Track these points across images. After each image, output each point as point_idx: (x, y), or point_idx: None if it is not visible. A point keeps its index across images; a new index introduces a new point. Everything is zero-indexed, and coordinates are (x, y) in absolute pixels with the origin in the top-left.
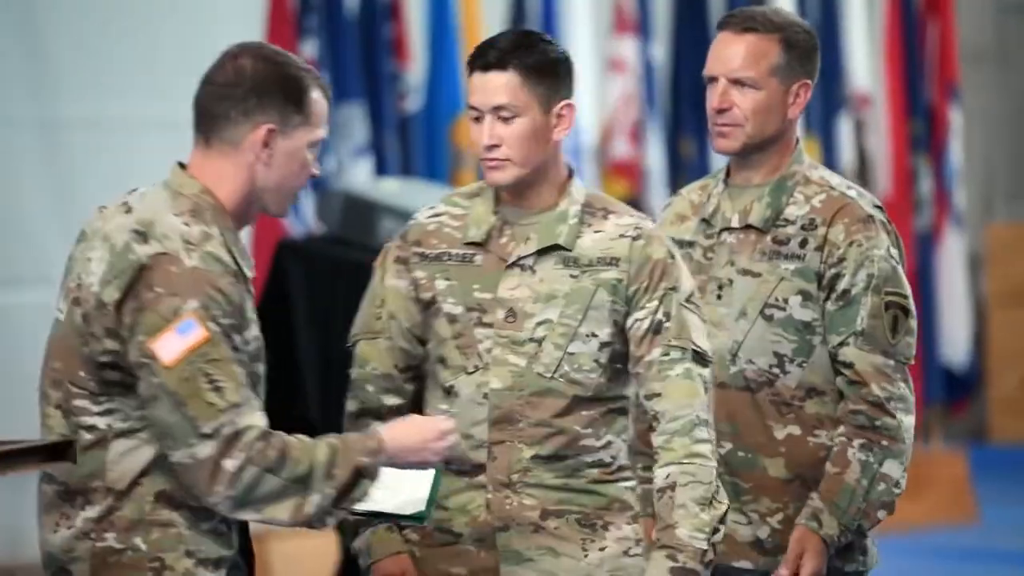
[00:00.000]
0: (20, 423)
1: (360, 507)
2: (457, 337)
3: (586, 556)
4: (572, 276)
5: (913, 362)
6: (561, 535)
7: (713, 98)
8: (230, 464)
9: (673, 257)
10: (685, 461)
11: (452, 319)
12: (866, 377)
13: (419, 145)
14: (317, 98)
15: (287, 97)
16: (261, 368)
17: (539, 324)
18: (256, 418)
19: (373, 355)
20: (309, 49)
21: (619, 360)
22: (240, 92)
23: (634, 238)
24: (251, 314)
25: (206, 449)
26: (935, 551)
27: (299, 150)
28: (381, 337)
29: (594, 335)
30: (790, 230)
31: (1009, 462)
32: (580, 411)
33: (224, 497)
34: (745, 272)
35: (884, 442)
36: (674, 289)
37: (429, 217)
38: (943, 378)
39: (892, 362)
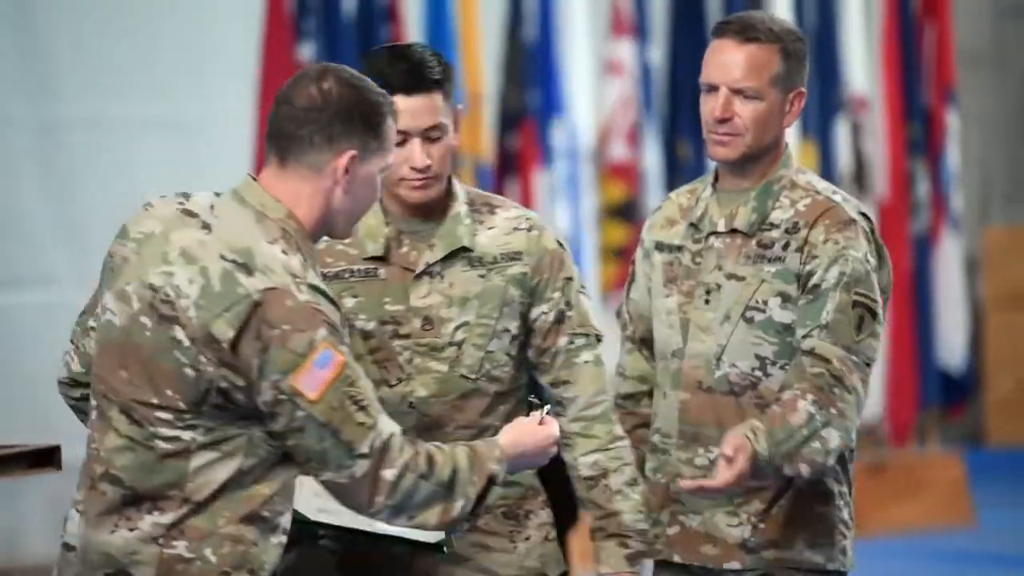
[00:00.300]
0: (19, 423)
1: (379, 530)
2: (374, 352)
3: (515, 548)
4: (480, 276)
5: (872, 366)
6: (491, 530)
7: (715, 107)
8: (389, 474)
9: (562, 246)
10: (611, 446)
11: (366, 335)
12: (828, 357)
13: None
14: (390, 124)
15: (368, 124)
16: None
17: (457, 328)
18: (391, 423)
19: None
20: (307, 52)
21: (522, 351)
22: (325, 117)
23: (528, 230)
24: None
25: (363, 466)
26: (932, 554)
27: (374, 176)
28: None
29: (507, 330)
30: (774, 234)
31: (1006, 465)
32: (500, 406)
33: (384, 506)
34: (731, 276)
35: (834, 410)
36: (570, 278)
37: None
38: (940, 381)
39: (854, 358)
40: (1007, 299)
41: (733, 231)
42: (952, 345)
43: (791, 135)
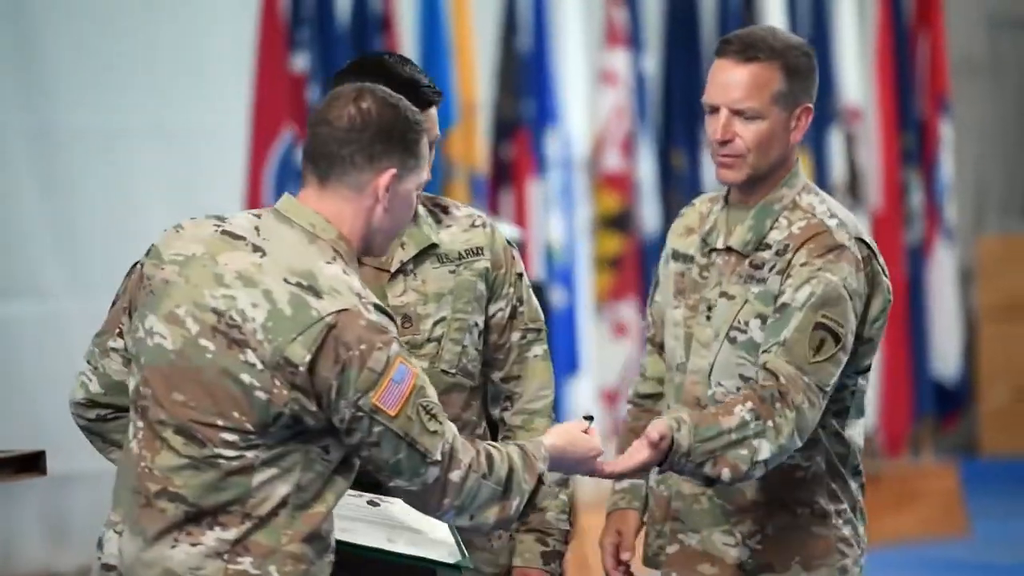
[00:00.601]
0: (14, 432)
1: (396, 549)
2: None
3: (492, 546)
4: (451, 272)
5: (826, 391)
6: None
7: (716, 129)
8: (455, 475)
9: (510, 242)
10: None
11: None
12: (778, 373)
13: None
14: (425, 142)
15: (406, 142)
16: None
17: (435, 324)
18: (451, 424)
19: None
20: (301, 62)
21: (484, 346)
22: (366, 137)
23: (483, 226)
24: None
25: (434, 472)
26: (926, 564)
27: (411, 193)
28: None
29: (476, 325)
30: (766, 255)
31: (1000, 475)
32: (473, 401)
33: (451, 507)
34: (723, 295)
35: (770, 422)
36: (521, 274)
37: None
38: (934, 391)
39: (805, 378)
40: (1001, 309)
41: (729, 249)
42: (946, 355)
43: None
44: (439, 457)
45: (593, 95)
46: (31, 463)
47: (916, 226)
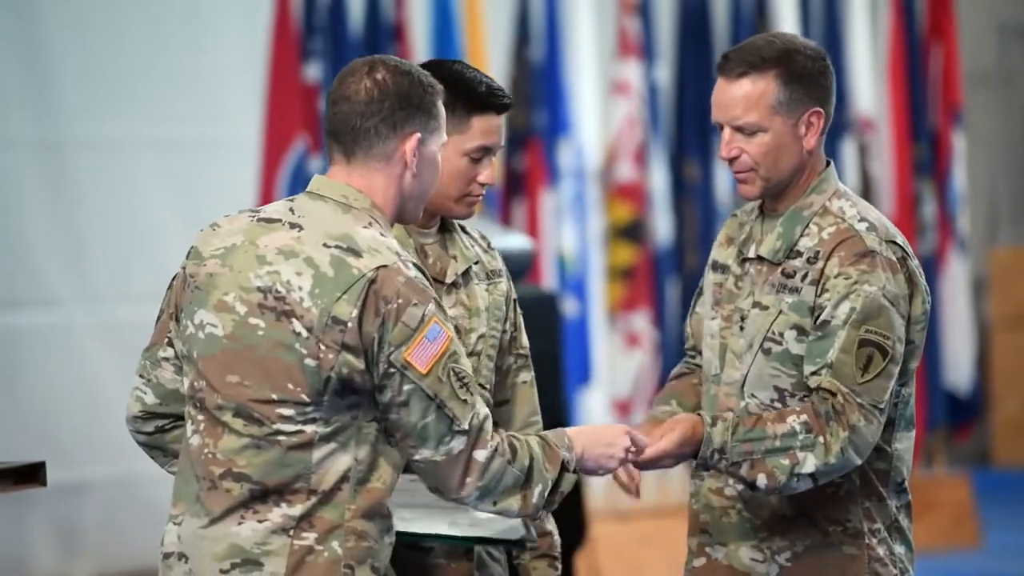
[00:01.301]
0: (21, 442)
1: (459, 533)
2: None
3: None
4: (486, 290)
5: (882, 408)
6: None
7: (721, 147)
8: (481, 455)
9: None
10: None
11: None
12: (834, 391)
13: None
14: (441, 104)
15: (425, 105)
16: None
17: (478, 339)
18: (484, 405)
19: None
20: (313, 71)
21: None
22: (387, 106)
23: (494, 249)
24: None
25: (460, 443)
26: (938, 575)
27: (435, 156)
28: None
29: (498, 344)
30: (798, 263)
31: (1013, 486)
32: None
33: (474, 488)
34: (756, 304)
35: (821, 438)
36: (516, 299)
37: None
38: (947, 402)
39: (859, 399)
40: (1014, 320)
41: (761, 258)
42: (959, 366)
43: None
44: (467, 427)
45: (606, 105)
46: (31, 474)
47: (929, 237)
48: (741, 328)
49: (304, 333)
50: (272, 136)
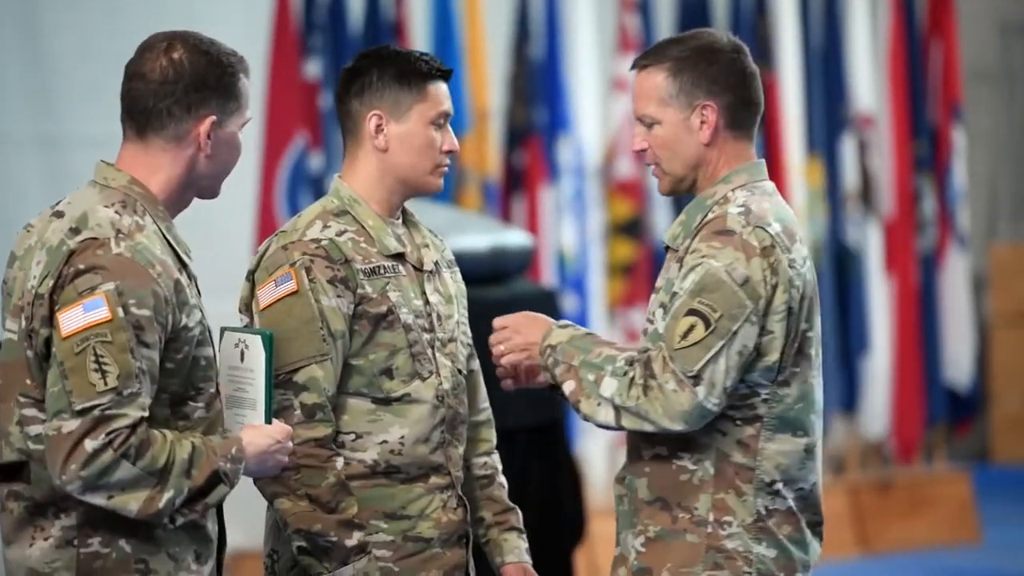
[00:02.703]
0: None
1: None
2: (412, 345)
3: None
4: (451, 278)
5: (693, 378)
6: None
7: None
8: (90, 444)
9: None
10: (495, 451)
11: (408, 328)
12: (651, 347)
13: None
14: (244, 81)
15: (224, 87)
16: (208, 351)
17: (455, 324)
18: (133, 411)
19: (328, 377)
20: (313, 68)
21: None
22: (180, 88)
23: (440, 238)
24: (192, 300)
25: (72, 424)
26: (937, 571)
27: (234, 136)
28: (328, 359)
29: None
30: (682, 249)
31: (1012, 482)
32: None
33: (76, 476)
34: (654, 290)
35: (630, 376)
36: (464, 291)
37: (336, 235)
38: (946, 398)
39: (671, 363)
40: (1014, 316)
41: (668, 247)
42: (959, 362)
43: (796, 152)
44: (80, 408)
45: (605, 102)
46: (15, 472)
47: (928, 233)
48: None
49: (24, 324)
50: (272, 133)
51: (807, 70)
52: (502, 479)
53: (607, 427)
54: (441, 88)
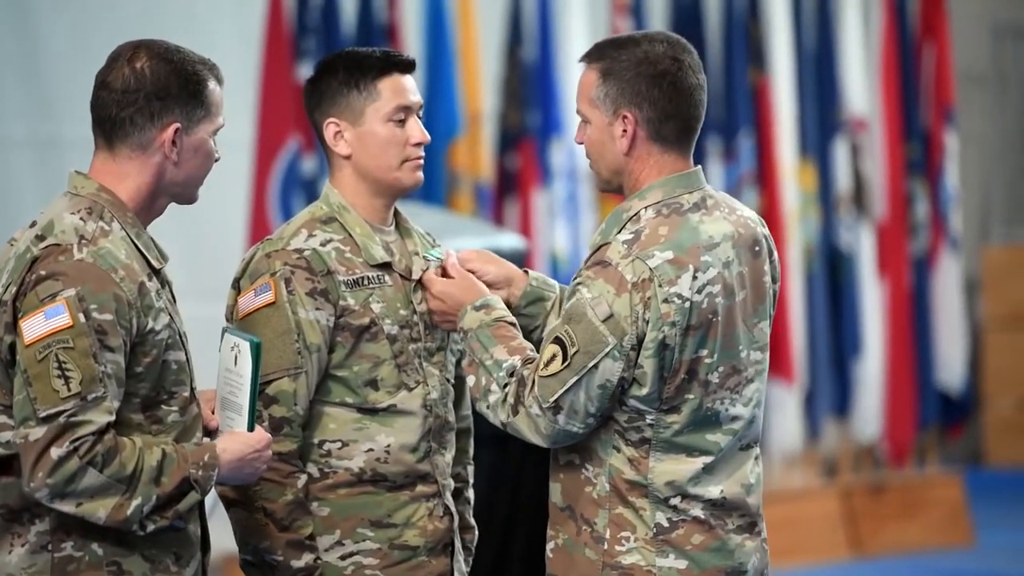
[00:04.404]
0: None
1: None
2: (398, 356)
3: None
4: None
5: (559, 408)
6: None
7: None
8: (55, 452)
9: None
10: (470, 463)
11: (393, 339)
12: (532, 372)
13: None
14: (214, 88)
15: (188, 94)
16: (180, 355)
17: (444, 333)
18: (98, 416)
19: (300, 392)
20: (306, 71)
21: None
22: (142, 96)
23: (436, 244)
24: (159, 303)
25: (38, 432)
26: (931, 574)
27: (204, 142)
28: (302, 372)
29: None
30: None
31: (1005, 485)
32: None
33: (43, 484)
34: None
35: (506, 391)
36: None
37: (320, 245)
38: (939, 401)
39: (534, 389)
40: (1006, 319)
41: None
42: (951, 365)
43: (789, 155)
44: (45, 415)
45: None
46: (5, 466)
47: (921, 236)
48: None
49: None
50: (265, 136)
51: (799, 73)
52: (470, 494)
53: None
54: (396, 82)
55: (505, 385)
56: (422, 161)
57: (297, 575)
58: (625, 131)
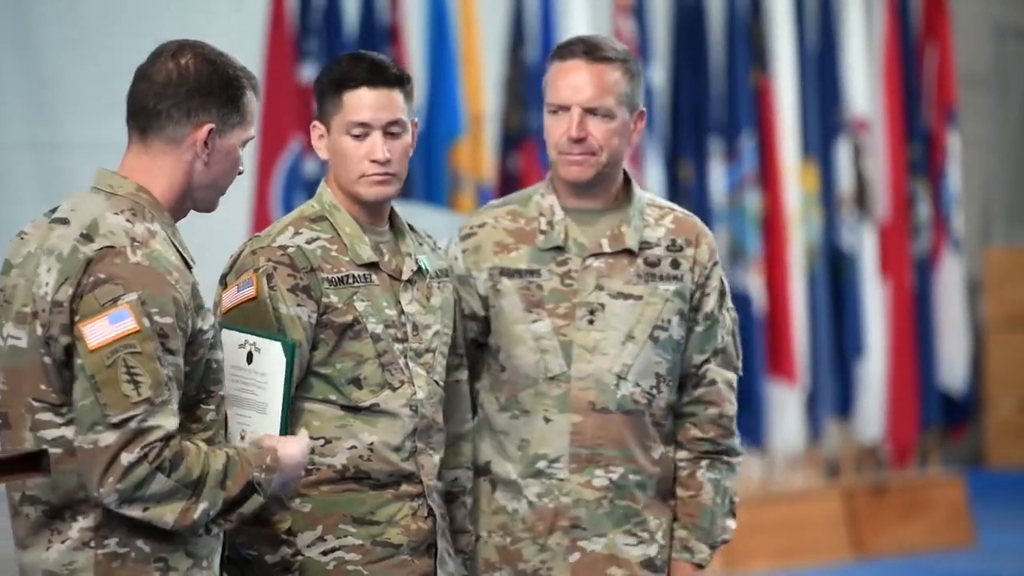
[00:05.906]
0: None
1: None
2: (382, 355)
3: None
4: (437, 288)
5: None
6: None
7: (568, 127)
8: (126, 458)
9: None
10: (468, 467)
11: (376, 338)
12: (722, 397)
13: (417, 168)
14: (251, 98)
15: (226, 97)
16: (219, 354)
17: (433, 335)
18: (167, 420)
19: None
20: (308, 72)
21: None
22: (183, 92)
23: (436, 246)
24: (203, 302)
25: (109, 438)
26: (933, 575)
27: (234, 149)
28: None
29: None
30: (658, 251)
31: (1007, 486)
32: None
33: (112, 489)
34: (620, 295)
35: (726, 458)
36: (458, 300)
37: (306, 243)
38: (941, 402)
39: (735, 377)
40: (1008, 320)
41: (617, 252)
42: (953, 366)
43: (791, 155)
44: (116, 421)
45: None
46: (34, 462)
47: (923, 237)
48: (590, 322)
49: (40, 332)
50: (267, 137)
51: (802, 74)
52: (467, 499)
53: None
54: (360, 97)
55: (716, 464)
56: (383, 176)
57: (273, 569)
58: (636, 126)
